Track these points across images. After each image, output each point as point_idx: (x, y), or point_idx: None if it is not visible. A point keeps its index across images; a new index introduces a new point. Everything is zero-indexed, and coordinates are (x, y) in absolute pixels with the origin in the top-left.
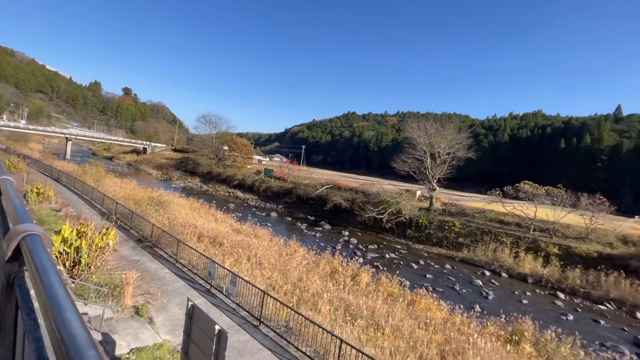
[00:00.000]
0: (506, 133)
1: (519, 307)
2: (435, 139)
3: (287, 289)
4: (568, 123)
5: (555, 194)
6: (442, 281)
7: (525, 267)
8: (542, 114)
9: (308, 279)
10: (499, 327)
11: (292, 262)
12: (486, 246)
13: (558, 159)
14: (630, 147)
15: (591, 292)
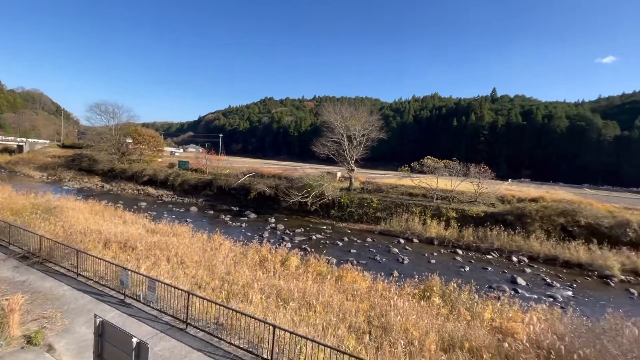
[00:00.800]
0: (410, 114)
1: (428, 267)
2: (350, 121)
3: (214, 284)
4: (458, 104)
5: (451, 166)
6: (365, 254)
7: (432, 231)
8: (438, 97)
9: (236, 271)
10: (414, 286)
11: (218, 257)
12: (400, 217)
13: (452, 135)
14: (503, 123)
15: (481, 246)
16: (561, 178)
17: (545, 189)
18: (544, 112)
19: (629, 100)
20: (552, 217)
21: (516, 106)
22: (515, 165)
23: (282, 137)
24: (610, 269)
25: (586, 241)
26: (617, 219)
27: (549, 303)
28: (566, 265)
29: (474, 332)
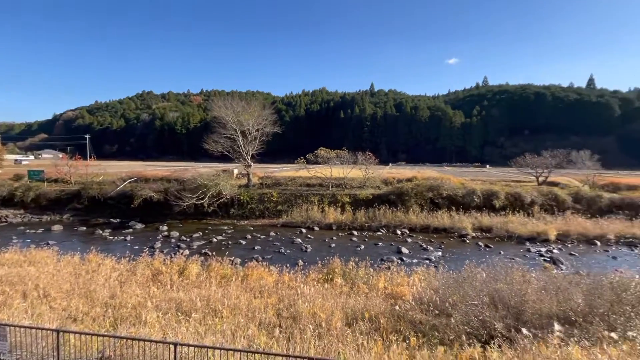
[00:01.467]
0: (302, 108)
1: (329, 251)
2: (243, 116)
3: (95, 313)
4: (344, 97)
5: (342, 155)
6: (270, 248)
7: (330, 217)
8: (326, 91)
9: (124, 292)
10: (318, 272)
11: (97, 280)
12: (300, 208)
13: (340, 126)
14: (381, 114)
15: (372, 225)
16: (428, 159)
17: (417, 169)
18: (412, 104)
19: (469, 94)
20: (423, 193)
21: (390, 99)
22: (394, 151)
23: (167, 136)
24: (466, 229)
25: (448, 209)
26: (467, 188)
27: (426, 265)
28: (436, 231)
29: (371, 302)
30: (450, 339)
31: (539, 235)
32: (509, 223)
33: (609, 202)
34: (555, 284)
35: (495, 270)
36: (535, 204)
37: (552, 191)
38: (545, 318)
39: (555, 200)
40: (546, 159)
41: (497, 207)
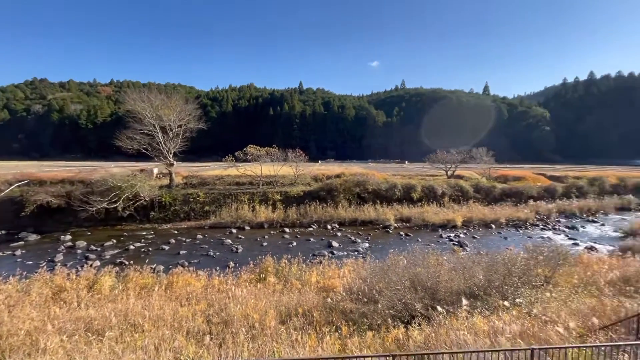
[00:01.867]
0: (229, 104)
1: (262, 250)
2: (163, 111)
3: None
4: (272, 94)
5: (272, 152)
6: (197, 252)
7: (261, 216)
8: (254, 87)
9: (13, 317)
10: (250, 272)
11: None
12: (229, 208)
13: (270, 123)
14: (310, 112)
15: (303, 221)
16: (354, 156)
17: (344, 166)
18: (339, 104)
19: (389, 95)
20: (351, 188)
21: (319, 98)
22: (323, 148)
23: (69, 131)
24: (389, 221)
25: (373, 203)
26: (389, 183)
27: (355, 256)
28: (363, 224)
29: (305, 297)
30: (377, 323)
31: (449, 222)
32: (425, 213)
33: (501, 191)
34: (462, 264)
35: (414, 257)
36: (446, 195)
37: (459, 183)
38: (455, 295)
39: (461, 191)
40: (453, 155)
41: (415, 199)
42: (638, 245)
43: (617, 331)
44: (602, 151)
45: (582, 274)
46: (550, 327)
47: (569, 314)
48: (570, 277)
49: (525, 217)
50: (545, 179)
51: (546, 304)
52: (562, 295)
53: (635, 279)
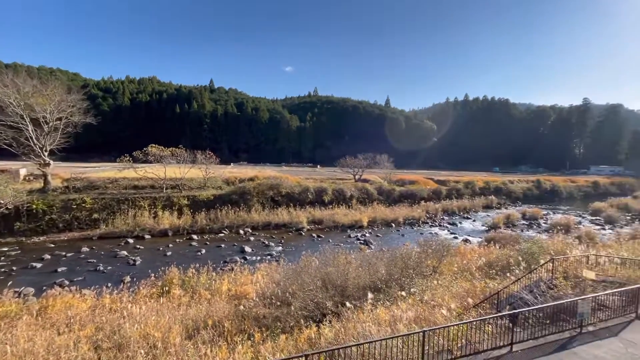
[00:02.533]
0: (126, 97)
1: (165, 261)
2: (35, 99)
3: None
4: (179, 90)
5: (179, 153)
6: (81, 268)
7: (165, 223)
8: (157, 80)
9: None
10: (151, 286)
11: None
12: (125, 215)
13: (176, 122)
14: (222, 112)
15: (213, 227)
16: (268, 159)
17: (258, 169)
18: (252, 105)
19: (303, 101)
20: (265, 192)
21: (231, 98)
22: (235, 151)
23: None
24: (302, 223)
25: (287, 206)
26: (302, 186)
27: (268, 260)
28: (276, 227)
29: (215, 307)
30: (291, 325)
31: (356, 222)
32: (335, 215)
33: (399, 193)
34: (367, 261)
35: (325, 257)
36: (354, 197)
37: (365, 186)
38: (362, 290)
39: (366, 193)
40: (360, 160)
41: (326, 202)
42: (498, 236)
43: (484, 307)
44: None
45: (460, 263)
46: (437, 310)
47: (450, 297)
48: (451, 265)
49: (418, 216)
50: (433, 183)
51: (434, 291)
52: (446, 281)
53: (496, 264)
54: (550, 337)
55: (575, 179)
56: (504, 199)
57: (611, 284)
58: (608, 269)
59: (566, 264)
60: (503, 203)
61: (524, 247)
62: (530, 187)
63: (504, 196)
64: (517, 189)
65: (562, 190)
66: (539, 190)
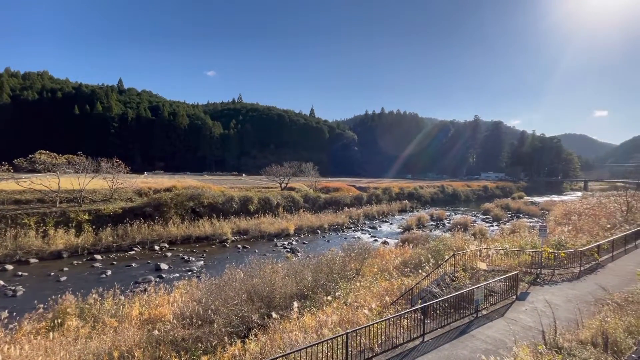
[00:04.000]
0: (6, 93)
1: (58, 287)
2: None
3: None
4: (79, 89)
5: (77, 161)
6: None
7: (58, 243)
8: (49, 76)
9: None
10: (37, 319)
11: None
12: (2, 236)
13: (74, 125)
14: (133, 116)
15: (122, 244)
16: (188, 167)
17: (177, 178)
18: (170, 110)
19: (227, 107)
20: (184, 202)
21: (144, 101)
22: (150, 158)
23: None
24: (226, 235)
25: (209, 217)
26: (226, 196)
27: (188, 277)
28: (198, 240)
29: (123, 336)
30: (213, 345)
31: (283, 231)
32: (262, 224)
33: (324, 200)
34: (294, 269)
35: (251, 268)
36: (280, 205)
37: (291, 194)
38: (289, 299)
39: (293, 201)
40: (286, 169)
41: (252, 211)
42: (411, 237)
43: (401, 303)
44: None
45: (380, 263)
46: (360, 311)
47: (372, 297)
48: (372, 267)
49: (342, 221)
50: (355, 190)
51: (357, 292)
52: (367, 282)
53: (410, 262)
54: (454, 324)
55: (470, 184)
56: (416, 203)
57: (498, 272)
58: (495, 259)
59: (465, 257)
60: (415, 206)
61: (432, 245)
62: (436, 192)
63: (415, 200)
64: (426, 193)
65: (460, 193)
66: (443, 194)
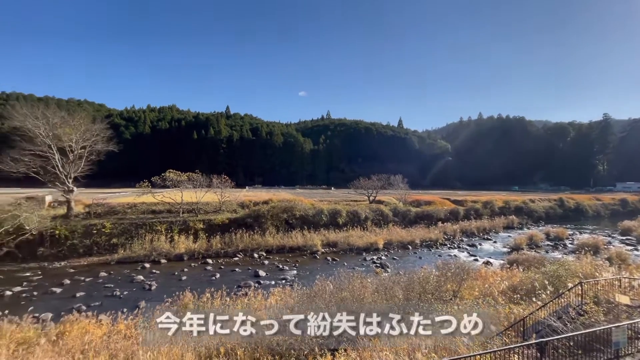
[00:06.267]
0: (147, 125)
1: (180, 285)
2: (62, 129)
3: None
4: (197, 117)
5: (195, 178)
6: (99, 293)
7: (181, 247)
8: (176, 109)
9: None
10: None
11: None
12: (142, 239)
13: (194, 148)
14: (237, 137)
15: (228, 250)
16: (282, 182)
17: (272, 192)
18: (267, 130)
19: (316, 124)
20: (279, 214)
21: (246, 123)
22: (250, 174)
23: None
24: (316, 246)
25: (301, 229)
26: (316, 209)
27: (282, 284)
28: (291, 250)
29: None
30: (305, 354)
31: (372, 245)
32: (350, 237)
33: (415, 214)
34: (384, 285)
35: (340, 281)
36: (368, 219)
37: (379, 208)
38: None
39: (381, 215)
40: (374, 182)
41: (341, 224)
42: (521, 258)
43: (509, 335)
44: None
45: (482, 287)
46: (458, 339)
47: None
48: (472, 290)
49: (435, 237)
50: (450, 203)
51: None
52: (467, 307)
53: (520, 287)
54: None
55: (600, 197)
56: (526, 219)
57: None
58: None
59: (597, 287)
60: (525, 223)
61: (550, 269)
62: (552, 206)
63: (525, 216)
64: (539, 208)
65: (587, 208)
66: (562, 209)
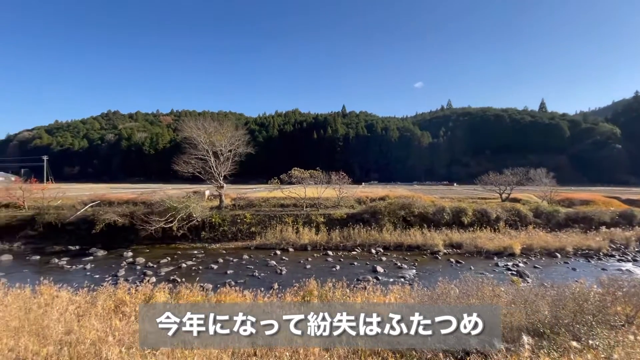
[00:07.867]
0: (275, 128)
1: (305, 273)
2: (215, 137)
3: (46, 352)
4: (316, 119)
5: (316, 175)
6: (243, 272)
7: (305, 238)
8: (299, 112)
9: (82, 326)
10: (294, 294)
11: (51, 314)
12: (274, 229)
13: (314, 147)
14: (353, 135)
15: (346, 244)
16: (398, 178)
17: (389, 188)
18: (382, 125)
19: (435, 116)
20: (396, 211)
21: (362, 120)
22: (366, 170)
23: (135, 157)
24: (437, 246)
25: (420, 227)
26: (437, 206)
27: (400, 283)
28: (409, 249)
29: None
30: (427, 358)
31: (505, 249)
32: (478, 239)
33: (566, 216)
34: (522, 297)
35: (467, 286)
36: (501, 219)
37: (515, 207)
38: (516, 331)
39: (518, 215)
40: (508, 176)
41: (466, 224)
42: None
43: None
44: None
45: None
46: None
47: None
48: None
49: (597, 246)
50: (620, 203)
51: (630, 349)
52: None
53: None
54: None
55: None
56: None
57: None
58: None
59: None
60: None
61: None
62: None
63: None
64: None
65: None
66: None
